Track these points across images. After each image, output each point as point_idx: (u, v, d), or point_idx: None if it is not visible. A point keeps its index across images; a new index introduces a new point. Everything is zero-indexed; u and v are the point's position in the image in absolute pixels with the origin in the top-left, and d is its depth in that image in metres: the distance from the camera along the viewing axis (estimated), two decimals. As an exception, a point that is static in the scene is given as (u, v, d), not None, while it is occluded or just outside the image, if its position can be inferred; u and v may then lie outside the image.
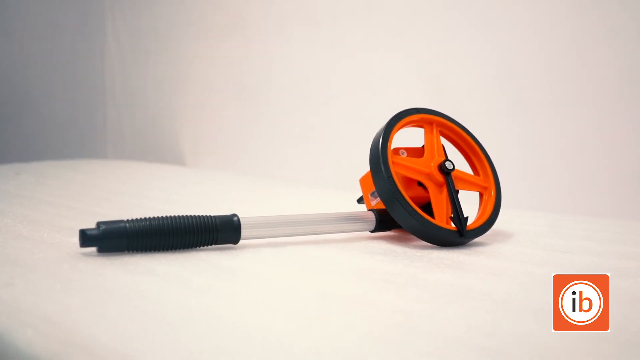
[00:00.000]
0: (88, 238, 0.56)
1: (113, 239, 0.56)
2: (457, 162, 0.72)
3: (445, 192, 0.70)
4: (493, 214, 0.71)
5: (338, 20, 1.43)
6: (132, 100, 1.92)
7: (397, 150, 0.74)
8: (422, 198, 0.71)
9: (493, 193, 0.73)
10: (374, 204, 0.76)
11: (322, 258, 0.60)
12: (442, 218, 0.68)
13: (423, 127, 0.75)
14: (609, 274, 0.46)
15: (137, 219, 0.58)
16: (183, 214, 0.60)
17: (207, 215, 0.61)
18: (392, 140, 0.70)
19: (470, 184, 0.73)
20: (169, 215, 0.59)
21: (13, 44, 1.90)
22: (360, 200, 0.81)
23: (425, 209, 0.69)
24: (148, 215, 0.59)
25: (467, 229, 0.67)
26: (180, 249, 0.60)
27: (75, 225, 0.70)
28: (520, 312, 0.44)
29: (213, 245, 0.61)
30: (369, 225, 0.71)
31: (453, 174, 0.70)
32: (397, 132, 0.72)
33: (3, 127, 1.90)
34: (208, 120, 1.70)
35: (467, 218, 0.68)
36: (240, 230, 0.62)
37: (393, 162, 0.68)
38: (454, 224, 0.67)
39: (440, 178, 0.70)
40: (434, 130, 0.74)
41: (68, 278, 0.49)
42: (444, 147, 0.75)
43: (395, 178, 0.67)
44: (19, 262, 0.53)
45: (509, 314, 0.44)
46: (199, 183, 1.26)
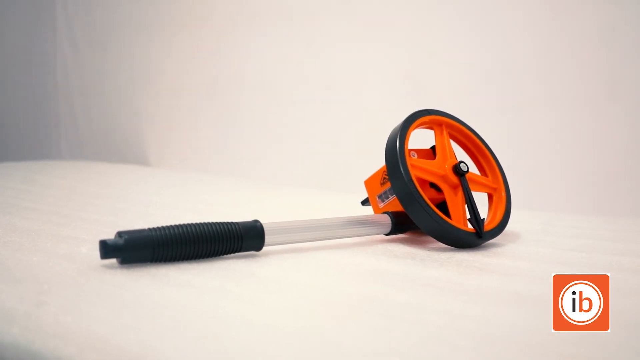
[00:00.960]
0: (111, 249, 0.52)
1: (138, 249, 0.53)
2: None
3: (460, 193, 0.70)
4: (506, 215, 0.72)
5: (313, 16, 1.41)
6: (88, 98, 1.82)
7: (407, 153, 0.73)
8: (434, 199, 0.71)
9: (503, 194, 0.74)
10: (382, 206, 0.76)
11: (353, 264, 0.59)
12: (459, 220, 0.68)
13: (433, 128, 0.75)
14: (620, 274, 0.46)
15: (159, 227, 0.55)
16: (205, 222, 0.57)
17: (231, 222, 0.58)
18: (408, 142, 0.70)
19: (481, 185, 0.74)
20: (193, 223, 0.56)
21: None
22: (365, 202, 0.81)
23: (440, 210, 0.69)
24: (147, 221, 0.56)
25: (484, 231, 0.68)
26: (204, 258, 0.57)
27: (75, 234, 0.66)
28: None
29: (234, 253, 0.59)
30: (386, 228, 0.70)
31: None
32: (410, 133, 0.72)
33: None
34: (174, 119, 1.64)
35: (483, 220, 0.68)
36: (264, 237, 0.60)
37: (411, 164, 0.68)
38: (472, 226, 0.68)
39: (455, 180, 0.70)
40: (444, 132, 0.74)
41: (105, 293, 0.46)
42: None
43: (415, 181, 0.66)
44: (40, 278, 0.49)
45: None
46: (179, 185, 1.22)
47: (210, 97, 1.58)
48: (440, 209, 0.70)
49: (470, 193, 0.70)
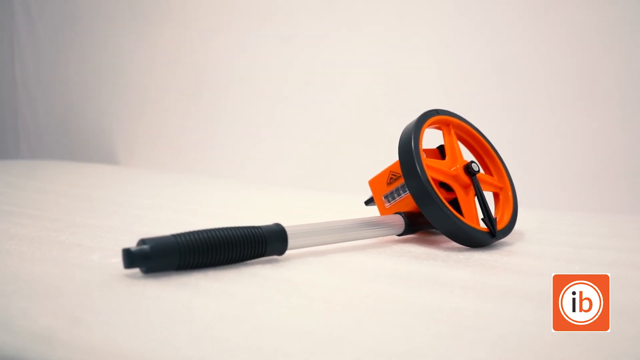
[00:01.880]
0: (137, 258, 0.49)
1: (166, 257, 0.50)
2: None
3: (471, 193, 0.70)
4: (514, 214, 0.73)
5: (293, 14, 1.39)
6: (50, 94, 1.73)
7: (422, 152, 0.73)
8: (445, 199, 0.71)
9: (510, 193, 0.75)
10: (389, 207, 0.75)
11: (379, 267, 0.58)
12: (472, 219, 0.68)
13: (441, 128, 0.75)
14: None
15: (184, 233, 0.52)
16: (227, 226, 0.54)
17: (253, 226, 0.56)
18: (422, 142, 0.69)
19: (488, 185, 0.74)
20: (217, 228, 0.54)
21: None
22: (369, 202, 0.80)
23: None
24: (148, 225, 0.53)
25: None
26: (228, 264, 0.55)
27: (78, 241, 0.62)
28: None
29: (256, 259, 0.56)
30: (399, 229, 0.69)
31: None
32: (423, 133, 0.71)
33: None
34: (145, 116, 1.58)
35: (496, 219, 0.69)
36: (287, 241, 0.58)
37: (426, 165, 0.67)
38: (486, 225, 0.68)
39: (467, 179, 0.70)
40: (452, 132, 0.74)
41: (143, 307, 0.43)
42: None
43: (432, 181, 0.66)
44: (65, 291, 0.45)
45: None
46: (165, 186, 1.17)
47: (182, 93, 1.53)
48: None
49: (482, 193, 0.70)
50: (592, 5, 1.07)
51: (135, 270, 0.51)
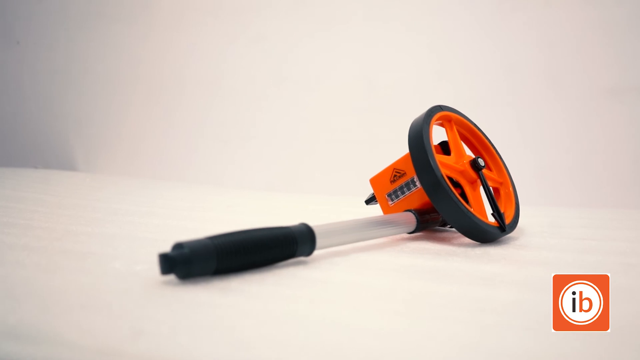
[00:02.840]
0: (175, 263, 0.46)
1: (204, 261, 0.48)
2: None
3: (478, 188, 0.71)
4: (517, 209, 0.75)
5: (262, 11, 1.36)
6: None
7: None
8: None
9: (510, 189, 0.76)
10: (392, 205, 0.75)
11: (405, 265, 0.58)
12: (481, 214, 0.69)
13: (444, 125, 0.76)
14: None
15: (217, 236, 0.50)
16: (258, 227, 0.53)
17: (283, 227, 0.55)
18: (432, 138, 0.70)
19: (489, 180, 0.76)
20: (249, 229, 0.52)
21: None
22: (370, 201, 0.80)
23: None
24: (150, 231, 0.51)
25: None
26: (260, 267, 0.53)
27: (87, 249, 0.59)
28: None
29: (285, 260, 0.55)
30: (412, 227, 0.70)
31: None
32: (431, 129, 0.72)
33: None
34: (105, 120, 1.51)
35: (503, 213, 0.70)
36: (316, 241, 0.57)
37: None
38: (495, 220, 0.69)
39: (474, 175, 0.71)
40: (454, 128, 0.75)
41: (202, 315, 0.40)
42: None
43: (445, 177, 0.67)
44: (109, 301, 0.42)
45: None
46: (141, 190, 1.12)
47: (146, 96, 1.48)
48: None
49: (490, 188, 0.71)
50: (593, 1, 1.10)
51: (171, 277, 0.48)
